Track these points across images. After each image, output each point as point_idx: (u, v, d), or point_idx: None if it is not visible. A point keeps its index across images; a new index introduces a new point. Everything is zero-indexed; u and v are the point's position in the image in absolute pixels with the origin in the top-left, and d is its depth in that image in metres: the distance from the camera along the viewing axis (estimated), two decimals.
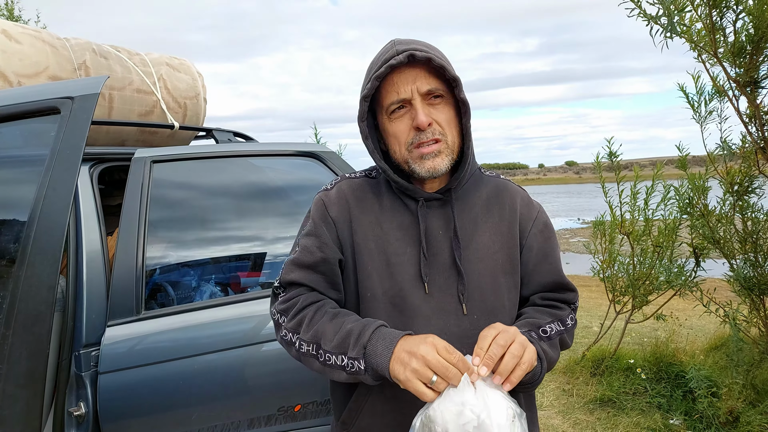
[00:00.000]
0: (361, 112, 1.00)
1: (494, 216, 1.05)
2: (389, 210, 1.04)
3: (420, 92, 0.96)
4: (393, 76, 0.96)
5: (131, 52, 2.37)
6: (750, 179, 2.77)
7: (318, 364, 0.94)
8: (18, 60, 1.88)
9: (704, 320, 4.77)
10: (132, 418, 1.64)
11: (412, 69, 0.96)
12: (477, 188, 1.08)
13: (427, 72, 0.96)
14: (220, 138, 2.39)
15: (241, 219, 2.15)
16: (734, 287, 2.90)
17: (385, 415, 0.99)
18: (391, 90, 0.97)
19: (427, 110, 0.96)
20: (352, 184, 1.09)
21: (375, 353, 0.87)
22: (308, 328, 0.96)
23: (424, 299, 0.98)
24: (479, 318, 0.99)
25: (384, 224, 1.03)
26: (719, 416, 2.74)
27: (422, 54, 0.93)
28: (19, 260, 1.19)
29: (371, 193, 1.07)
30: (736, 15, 2.36)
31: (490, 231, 1.04)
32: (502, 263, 1.03)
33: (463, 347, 0.92)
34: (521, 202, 1.09)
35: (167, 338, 1.73)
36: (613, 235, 3.58)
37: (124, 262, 1.73)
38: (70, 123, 1.25)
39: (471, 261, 1.01)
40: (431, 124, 0.97)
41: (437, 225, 1.02)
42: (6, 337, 1.13)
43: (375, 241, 1.02)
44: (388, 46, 0.99)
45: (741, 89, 2.50)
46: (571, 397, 3.41)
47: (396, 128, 0.99)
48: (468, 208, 1.05)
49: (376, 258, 1.01)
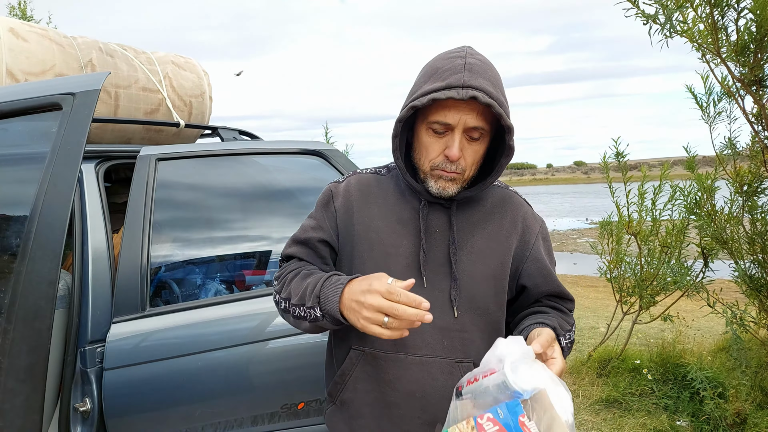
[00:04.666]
0: (402, 116, 1.02)
1: (494, 224, 1.10)
2: (392, 205, 1.10)
3: (465, 126, 0.99)
4: (449, 100, 0.98)
5: (137, 50, 2.38)
6: (759, 179, 2.73)
7: (292, 318, 1.05)
8: (25, 58, 1.90)
9: (712, 321, 4.72)
10: (136, 414, 1.65)
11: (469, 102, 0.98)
12: (482, 196, 1.13)
13: (479, 110, 0.99)
14: (226, 136, 2.39)
15: (246, 216, 2.16)
16: (742, 288, 2.87)
17: (367, 392, 1.07)
18: (441, 111, 0.99)
19: (462, 144, 1.01)
20: (361, 179, 1.16)
21: (327, 300, 0.95)
22: (285, 288, 1.06)
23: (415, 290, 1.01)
24: (464, 315, 1.05)
25: (385, 218, 1.09)
26: (726, 418, 2.71)
27: (485, 99, 0.95)
28: (21, 255, 1.20)
29: (377, 188, 1.14)
30: (738, 13, 2.33)
31: (488, 237, 1.09)
32: (493, 268, 1.08)
33: (444, 339, 1.03)
34: (524, 214, 1.14)
35: (172, 335, 1.74)
36: (620, 235, 3.56)
37: (130, 260, 1.74)
38: (71, 119, 1.26)
39: (464, 262, 1.06)
40: (459, 158, 1.01)
41: (436, 224, 1.08)
42: (7, 331, 1.14)
43: (375, 232, 1.08)
44: (458, 64, 0.99)
45: (746, 88, 2.47)
46: (576, 397, 3.39)
47: (429, 142, 1.03)
48: (469, 213, 1.10)
49: (374, 247, 1.07)
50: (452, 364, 1.04)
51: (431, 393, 1.03)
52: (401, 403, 1.04)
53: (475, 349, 1.05)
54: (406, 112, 1.01)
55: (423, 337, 1.03)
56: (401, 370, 1.04)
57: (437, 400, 1.03)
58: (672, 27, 2.34)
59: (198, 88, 2.52)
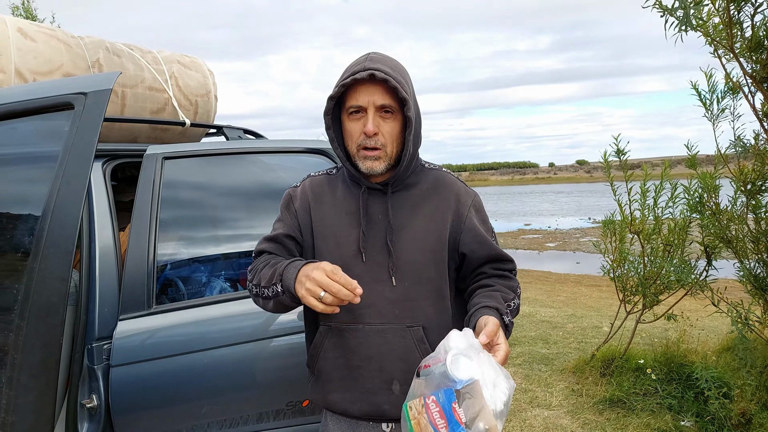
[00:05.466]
0: (327, 107, 1.21)
1: (431, 205, 1.27)
2: (341, 200, 1.28)
3: (374, 105, 1.17)
4: (357, 85, 1.17)
5: (143, 50, 2.40)
6: (763, 178, 2.73)
7: (261, 300, 1.21)
8: (33, 58, 1.91)
9: (716, 321, 4.72)
10: (143, 411, 1.66)
11: (372, 84, 1.16)
12: (417, 181, 1.29)
13: (384, 90, 1.16)
14: (231, 135, 2.41)
15: (251, 215, 2.17)
16: (746, 287, 2.86)
17: (335, 359, 1.25)
18: (353, 96, 1.18)
19: (376, 121, 1.18)
20: (313, 181, 1.35)
21: (287, 278, 1.12)
22: (256, 276, 1.22)
23: (364, 270, 1.21)
24: (410, 286, 1.22)
25: (335, 211, 1.27)
26: (731, 418, 2.71)
27: (381, 75, 1.14)
28: (33, 253, 1.22)
29: (328, 187, 1.32)
30: (755, 9, 2.32)
31: (425, 216, 1.25)
32: (431, 242, 1.24)
33: (395, 308, 1.21)
34: (457, 191, 1.30)
35: (178, 332, 1.75)
36: (623, 233, 3.55)
37: (136, 258, 1.76)
38: (83, 118, 1.27)
39: (405, 240, 1.23)
40: (377, 134, 1.18)
41: (377, 211, 1.25)
42: (20, 327, 1.16)
43: (329, 226, 1.27)
44: (361, 59, 1.20)
45: (757, 85, 2.47)
46: (580, 397, 3.39)
47: (351, 127, 1.21)
48: (407, 198, 1.27)
49: (328, 238, 1.26)
50: (404, 329, 1.21)
51: (387, 355, 1.21)
52: (362, 365, 1.22)
53: (422, 314, 1.23)
54: (327, 104, 1.20)
55: (377, 308, 1.21)
56: (362, 338, 1.22)
57: (393, 361, 1.21)
58: (689, 22, 2.33)
59: (203, 87, 2.53)
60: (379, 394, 1.21)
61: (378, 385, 1.21)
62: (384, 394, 1.21)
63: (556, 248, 15.04)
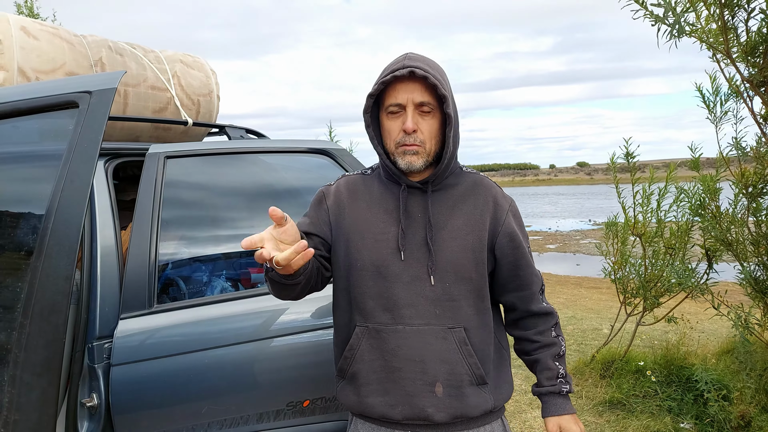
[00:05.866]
0: (366, 105, 1.22)
1: (469, 205, 1.26)
2: (378, 198, 1.27)
3: (413, 102, 1.17)
4: (396, 83, 1.18)
5: (146, 49, 2.40)
6: (764, 181, 2.73)
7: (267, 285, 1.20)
8: (36, 56, 1.91)
9: (716, 324, 4.72)
10: (143, 410, 1.66)
11: (411, 82, 1.17)
12: (456, 182, 1.29)
13: (423, 88, 1.17)
14: (233, 135, 2.41)
15: (253, 215, 2.17)
16: (746, 290, 2.86)
17: (373, 362, 1.22)
18: (392, 94, 1.19)
19: (415, 119, 1.18)
20: (349, 180, 1.34)
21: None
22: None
23: (402, 268, 1.21)
24: (451, 286, 1.21)
25: (372, 209, 1.27)
26: (731, 420, 2.71)
27: (421, 72, 1.14)
28: (37, 251, 1.21)
29: (363, 186, 1.32)
30: (748, 14, 2.33)
31: (464, 216, 1.25)
32: (471, 242, 1.23)
33: (436, 308, 1.20)
34: (495, 195, 1.30)
35: (178, 332, 1.75)
36: (625, 236, 3.55)
37: (137, 257, 1.76)
38: (88, 117, 1.27)
39: (445, 240, 1.22)
40: (416, 131, 1.18)
41: (416, 209, 1.25)
42: (24, 326, 1.16)
43: (365, 223, 1.25)
44: (400, 57, 1.20)
45: (755, 89, 2.47)
46: (580, 399, 3.39)
47: (390, 125, 1.21)
48: (446, 198, 1.26)
49: (365, 236, 1.24)
50: (445, 330, 1.20)
51: (429, 357, 1.19)
52: (403, 367, 1.19)
53: (463, 315, 1.22)
54: (367, 102, 1.21)
55: (416, 309, 1.20)
56: (401, 340, 1.20)
57: (435, 363, 1.19)
58: (681, 28, 2.34)
59: (206, 86, 2.53)
60: (422, 397, 1.19)
61: (420, 387, 1.19)
62: (427, 397, 1.19)
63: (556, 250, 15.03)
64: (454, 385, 1.20)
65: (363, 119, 1.24)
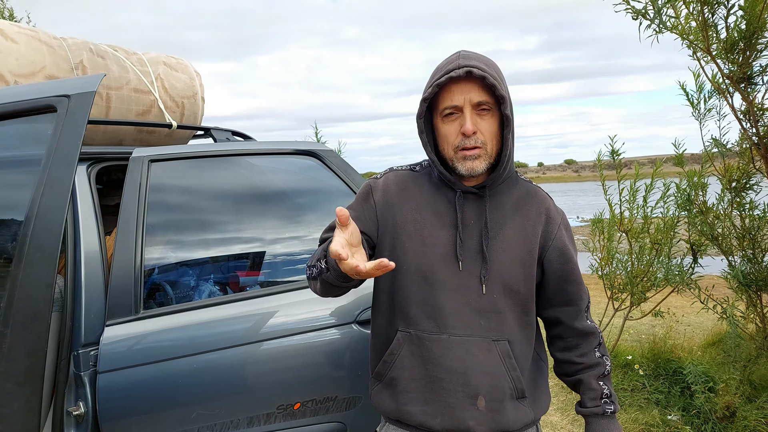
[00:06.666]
0: (420, 111, 1.16)
1: (522, 215, 1.21)
2: (428, 199, 1.21)
3: (471, 103, 1.11)
4: (451, 85, 1.12)
5: (128, 51, 2.37)
6: (747, 176, 2.77)
7: (310, 281, 1.19)
8: (14, 59, 1.88)
9: (702, 317, 4.78)
10: (131, 417, 1.64)
11: (468, 82, 1.11)
12: (510, 189, 1.23)
13: (480, 87, 1.11)
14: (219, 137, 2.38)
15: (240, 218, 2.16)
16: (731, 284, 2.91)
17: (413, 369, 1.18)
18: (447, 97, 1.13)
19: (474, 120, 1.12)
20: (398, 175, 1.28)
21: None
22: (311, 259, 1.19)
23: (451, 276, 1.15)
24: (498, 297, 1.16)
25: (422, 210, 1.20)
26: (716, 411, 2.75)
27: (479, 72, 1.08)
28: (17, 259, 1.19)
29: (413, 183, 1.25)
30: (728, 11, 2.36)
31: (517, 227, 1.20)
32: (522, 254, 1.19)
33: (481, 320, 1.15)
34: (548, 207, 1.25)
35: (166, 337, 1.73)
36: (611, 232, 3.59)
37: (123, 262, 1.73)
38: (67, 121, 1.25)
39: (496, 250, 1.17)
40: (476, 133, 1.12)
41: (471, 215, 1.19)
42: (4, 335, 1.14)
43: (413, 224, 1.20)
44: (453, 57, 1.14)
45: (735, 86, 2.51)
46: (570, 393, 3.41)
47: (446, 129, 1.15)
48: (500, 205, 1.21)
49: (413, 238, 1.18)
50: (489, 342, 1.16)
51: (472, 369, 1.15)
52: (445, 378, 1.15)
53: (509, 328, 1.17)
54: (420, 107, 1.15)
55: (462, 318, 1.15)
56: (444, 349, 1.15)
57: (478, 375, 1.15)
58: (662, 22, 2.37)
59: (190, 89, 2.51)
60: (464, 410, 1.15)
61: (462, 400, 1.15)
62: (469, 410, 1.15)
63: None
64: (496, 398, 1.16)
65: (416, 125, 1.18)
